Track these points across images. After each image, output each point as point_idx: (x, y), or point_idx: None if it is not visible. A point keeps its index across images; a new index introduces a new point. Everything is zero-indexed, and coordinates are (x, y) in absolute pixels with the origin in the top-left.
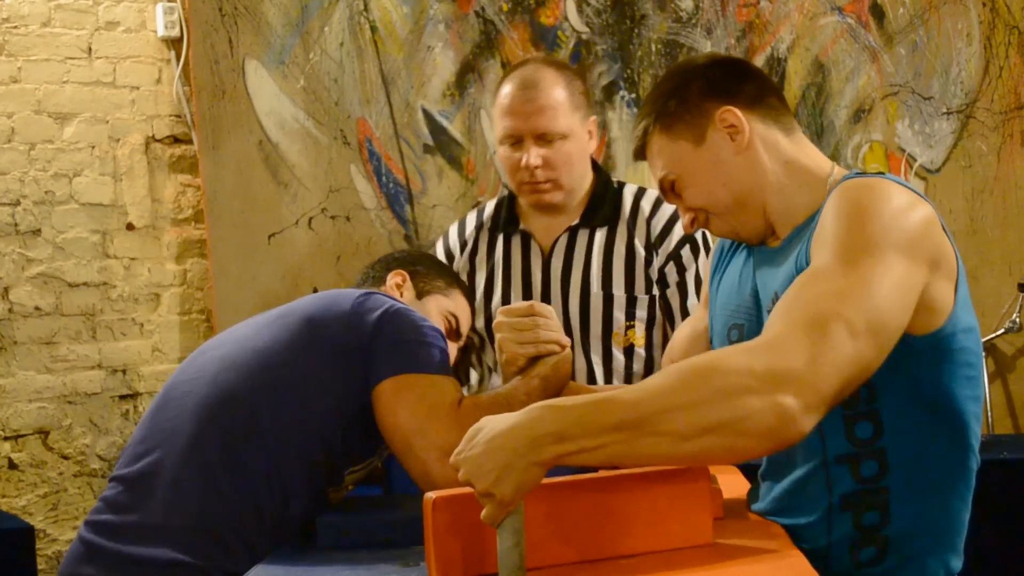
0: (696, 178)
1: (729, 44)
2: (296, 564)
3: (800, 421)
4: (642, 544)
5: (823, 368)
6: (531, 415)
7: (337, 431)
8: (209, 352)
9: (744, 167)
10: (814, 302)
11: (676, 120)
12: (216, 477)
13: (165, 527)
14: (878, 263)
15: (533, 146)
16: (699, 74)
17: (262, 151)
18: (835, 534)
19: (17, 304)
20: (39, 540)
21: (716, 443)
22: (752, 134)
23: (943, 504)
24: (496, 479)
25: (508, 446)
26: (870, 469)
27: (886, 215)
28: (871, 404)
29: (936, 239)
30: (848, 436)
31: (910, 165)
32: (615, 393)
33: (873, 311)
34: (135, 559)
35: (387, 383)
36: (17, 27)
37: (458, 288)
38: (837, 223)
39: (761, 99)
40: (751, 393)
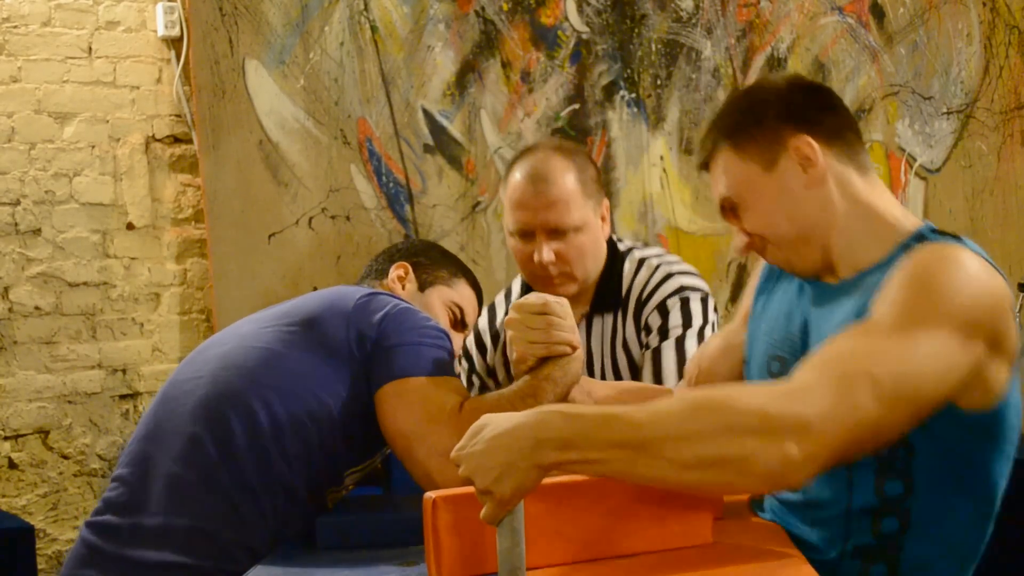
0: (760, 204)
1: (729, 44)
2: (296, 564)
3: (800, 471)
4: (642, 544)
5: (836, 423)
6: (538, 417)
7: (338, 433)
8: (209, 351)
9: (812, 202)
10: (849, 357)
11: (748, 140)
12: (216, 478)
13: (165, 528)
14: (929, 333)
15: (545, 241)
16: (780, 96)
17: (262, 151)
18: (841, 573)
19: (17, 304)
20: (39, 540)
21: (715, 477)
22: (826, 169)
23: (956, 563)
24: (497, 478)
25: (512, 446)
26: (890, 526)
27: (955, 287)
28: (907, 465)
29: (1001, 317)
30: (877, 491)
31: (910, 165)
32: (626, 411)
33: (905, 379)
34: (136, 562)
35: (389, 387)
36: (17, 27)
37: (463, 278)
38: (903, 285)
39: (840, 133)
40: (758, 435)
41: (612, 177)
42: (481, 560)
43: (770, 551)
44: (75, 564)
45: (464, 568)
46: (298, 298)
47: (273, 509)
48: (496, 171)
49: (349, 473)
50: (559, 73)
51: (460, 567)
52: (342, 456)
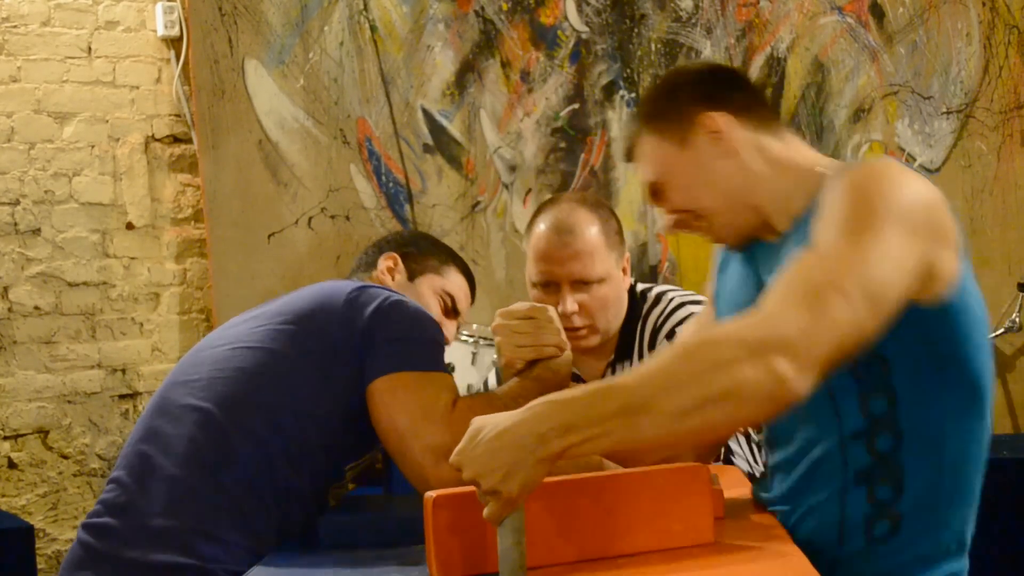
0: (680, 180)
1: (729, 44)
2: (297, 564)
3: (795, 383)
4: (643, 543)
5: (816, 333)
6: (534, 411)
7: (337, 429)
8: (203, 352)
9: (727, 170)
10: (808, 274)
11: (663, 122)
12: (215, 478)
13: (164, 529)
14: (876, 235)
15: (569, 292)
16: (691, 79)
17: (262, 150)
18: (848, 509)
19: (17, 303)
20: (39, 539)
21: (717, 414)
22: (735, 139)
23: (957, 476)
24: (503, 476)
25: (515, 443)
26: (885, 443)
27: (886, 191)
28: (886, 379)
29: (938, 214)
30: (863, 412)
31: (910, 165)
32: (614, 380)
33: (869, 280)
34: (135, 563)
35: (381, 381)
36: (17, 26)
37: (453, 265)
38: (837, 202)
39: (749, 107)
40: (745, 362)
41: (612, 177)
42: (482, 559)
43: (772, 550)
44: (72, 566)
45: (465, 567)
46: (291, 294)
47: (276, 509)
48: (495, 171)
49: (349, 468)
50: (559, 73)
51: (461, 567)
52: (341, 451)
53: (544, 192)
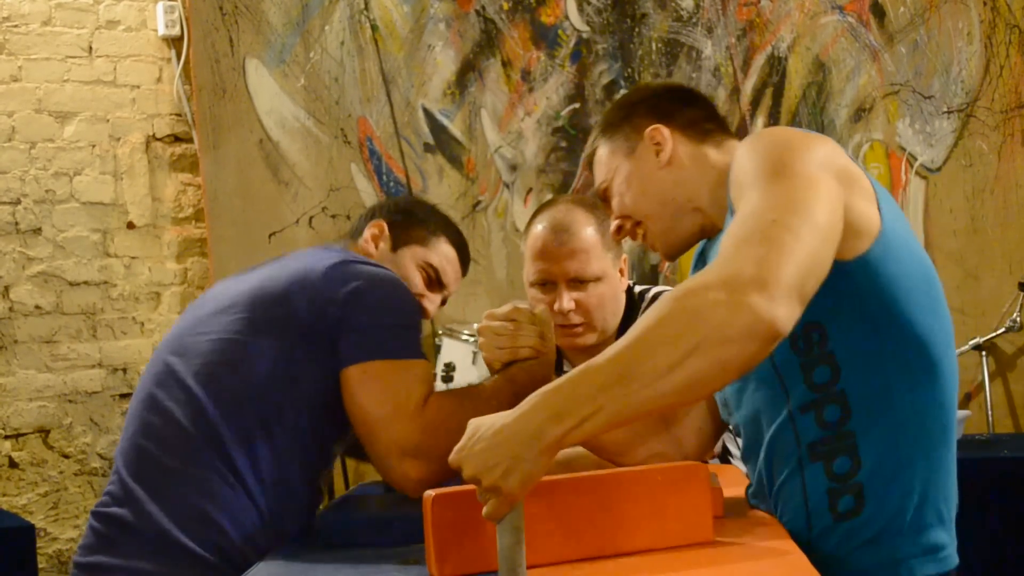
0: (622, 187)
1: (730, 43)
2: (297, 562)
3: (772, 311)
4: (642, 542)
5: (776, 263)
6: (527, 405)
7: (322, 414)
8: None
9: (667, 180)
10: (749, 222)
11: (616, 133)
12: (207, 477)
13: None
14: (797, 177)
15: (566, 290)
16: (646, 97)
17: (263, 150)
18: (809, 488)
19: (18, 303)
20: (40, 539)
21: (703, 363)
22: (677, 151)
23: (915, 442)
24: (503, 473)
25: (513, 438)
26: (832, 414)
27: (789, 144)
28: (824, 347)
29: (841, 160)
30: (807, 383)
31: (911, 164)
32: (595, 358)
33: (808, 211)
34: (142, 549)
35: (354, 369)
36: (18, 26)
37: (443, 236)
38: (746, 166)
39: (695, 123)
40: (715, 305)
41: None
42: (481, 558)
43: (771, 549)
44: (86, 551)
45: (464, 566)
46: (270, 267)
47: (273, 503)
48: (496, 170)
49: (335, 444)
50: (559, 72)
51: (460, 565)
52: (329, 434)
53: (545, 191)
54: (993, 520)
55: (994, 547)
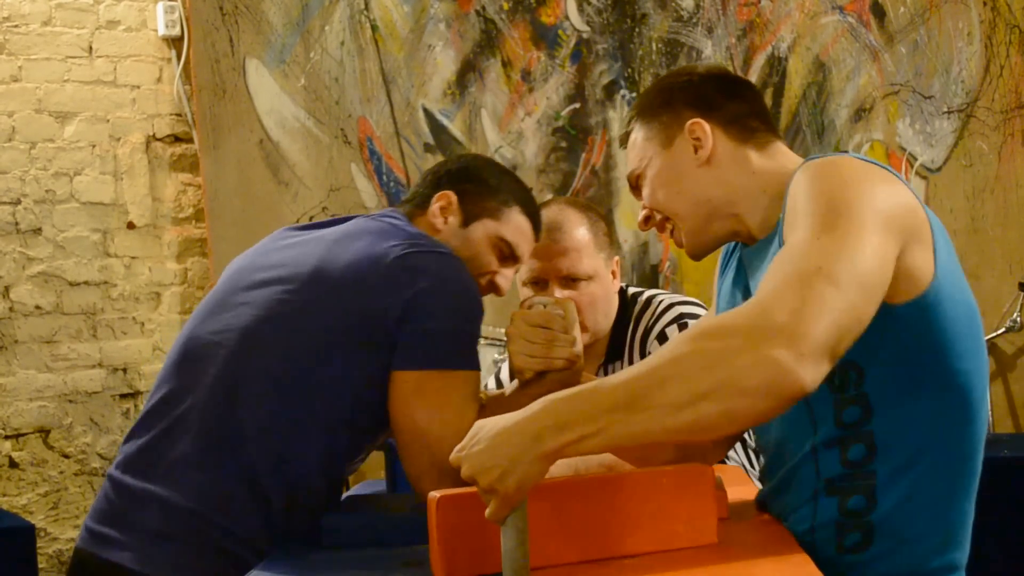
0: (656, 180)
1: (730, 43)
2: (300, 563)
3: (796, 371)
4: (646, 544)
5: (811, 317)
6: (531, 410)
7: (363, 407)
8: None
9: (703, 179)
10: (794, 264)
11: (654, 119)
12: (227, 454)
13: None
14: (852, 225)
15: (558, 288)
16: (690, 83)
17: (263, 150)
18: (819, 518)
19: (18, 303)
20: (40, 539)
21: (712, 408)
22: (717, 150)
23: (936, 488)
24: (500, 475)
25: (511, 441)
26: (857, 453)
27: (854, 187)
28: (859, 387)
29: (905, 207)
30: (836, 420)
31: (911, 164)
32: (610, 377)
33: (855, 264)
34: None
35: (410, 375)
36: (18, 26)
37: (516, 205)
38: (804, 198)
39: (739, 119)
40: (739, 352)
41: (613, 176)
42: (485, 560)
43: (775, 552)
44: (98, 516)
45: (468, 568)
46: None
47: (288, 498)
48: None
49: (369, 445)
50: (560, 72)
51: (464, 567)
52: (365, 433)
53: (545, 191)
54: (993, 520)
55: (994, 547)
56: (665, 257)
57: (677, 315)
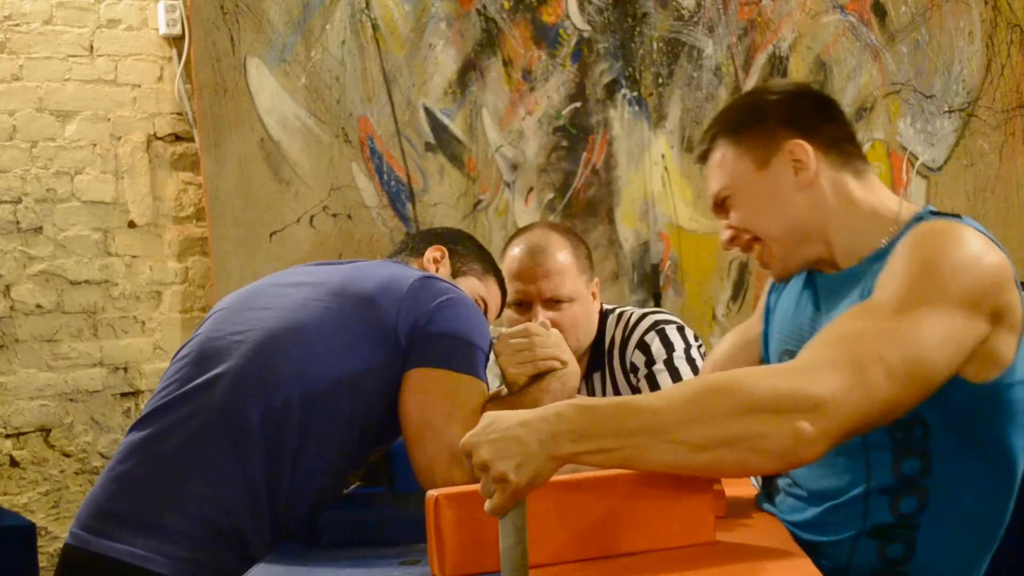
0: (750, 201)
1: (731, 42)
2: (299, 561)
3: (813, 447)
4: (644, 542)
5: (849, 401)
6: (554, 410)
7: (374, 421)
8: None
9: (801, 202)
10: (857, 337)
11: (747, 137)
12: (231, 452)
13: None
14: (934, 312)
15: (541, 309)
16: (784, 101)
17: (263, 149)
18: (856, 559)
19: (19, 302)
20: (40, 538)
21: (729, 457)
22: (818, 173)
23: (970, 544)
24: (516, 465)
25: (529, 437)
26: (909, 505)
27: (955, 263)
28: (923, 443)
29: (1004, 290)
30: (895, 471)
31: (912, 163)
32: (638, 398)
33: (915, 359)
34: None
35: (423, 371)
36: (19, 25)
37: (493, 276)
38: (905, 265)
39: (837, 143)
40: (771, 413)
41: (613, 175)
42: (484, 558)
43: (773, 550)
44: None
45: (467, 566)
46: (348, 268)
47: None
48: (497, 169)
49: (373, 452)
50: (560, 71)
51: (463, 565)
52: (373, 440)
53: (546, 191)
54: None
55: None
56: (666, 257)
57: (653, 323)
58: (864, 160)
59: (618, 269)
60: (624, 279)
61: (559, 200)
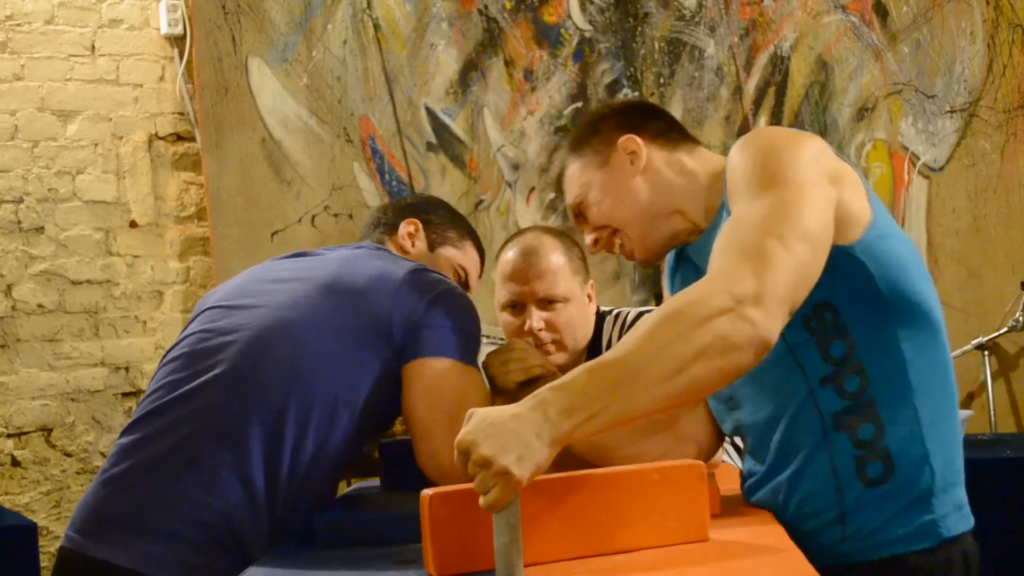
0: (598, 196)
1: (732, 42)
2: (294, 562)
3: (767, 326)
4: (639, 540)
5: (771, 279)
6: (535, 400)
7: (370, 414)
8: (240, 313)
9: (644, 186)
10: (743, 233)
11: (586, 147)
12: (226, 447)
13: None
14: (787, 187)
15: (536, 310)
16: (613, 112)
17: (265, 149)
18: (837, 458)
19: (20, 301)
20: (42, 537)
21: (704, 369)
22: (651, 158)
23: (932, 404)
24: (517, 457)
25: (523, 428)
26: (852, 384)
27: (779, 149)
28: (838, 323)
29: (830, 159)
30: (825, 359)
31: (913, 164)
32: (603, 357)
33: (797, 223)
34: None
35: (421, 361)
36: (20, 24)
37: (470, 240)
38: (739, 173)
39: (663, 133)
40: (719, 314)
41: None
42: (478, 556)
43: (767, 547)
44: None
45: (461, 564)
46: (335, 259)
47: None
48: (498, 169)
49: (368, 445)
50: (562, 71)
51: (457, 563)
52: (368, 435)
53: (547, 190)
54: (995, 520)
55: (996, 548)
56: None
57: (638, 313)
58: (695, 141)
59: (619, 269)
60: (625, 279)
61: (560, 200)
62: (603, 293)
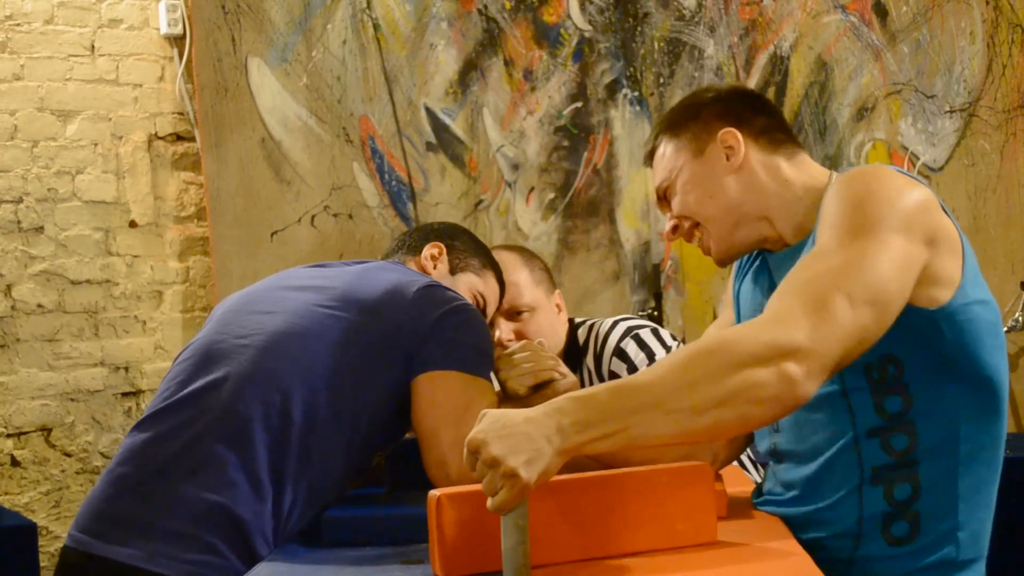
0: (687, 187)
1: (732, 42)
2: (301, 561)
3: (803, 386)
4: (646, 542)
5: (824, 338)
6: (553, 406)
7: (377, 425)
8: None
9: (736, 185)
10: (815, 280)
11: (684, 131)
12: (237, 453)
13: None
14: (875, 240)
15: (504, 320)
16: (718, 97)
17: (265, 149)
18: (866, 510)
19: (20, 301)
20: (41, 537)
21: (729, 414)
22: (749, 157)
23: (973, 476)
24: (527, 460)
25: (535, 433)
26: (900, 442)
27: (882, 197)
28: (899, 379)
29: (933, 217)
30: (878, 411)
31: (913, 163)
32: (630, 378)
33: (871, 283)
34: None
35: (435, 374)
36: (20, 24)
37: (491, 270)
38: (837, 208)
39: (767, 131)
40: (757, 364)
41: (614, 175)
42: (485, 557)
43: (775, 550)
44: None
45: (468, 565)
46: (352, 272)
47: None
48: (498, 169)
49: (377, 455)
50: (562, 71)
51: (464, 564)
52: (376, 445)
53: (547, 191)
54: (995, 521)
55: (996, 548)
56: (667, 257)
57: (626, 329)
58: (797, 145)
59: (619, 269)
60: (625, 279)
61: (560, 200)
62: (603, 293)
